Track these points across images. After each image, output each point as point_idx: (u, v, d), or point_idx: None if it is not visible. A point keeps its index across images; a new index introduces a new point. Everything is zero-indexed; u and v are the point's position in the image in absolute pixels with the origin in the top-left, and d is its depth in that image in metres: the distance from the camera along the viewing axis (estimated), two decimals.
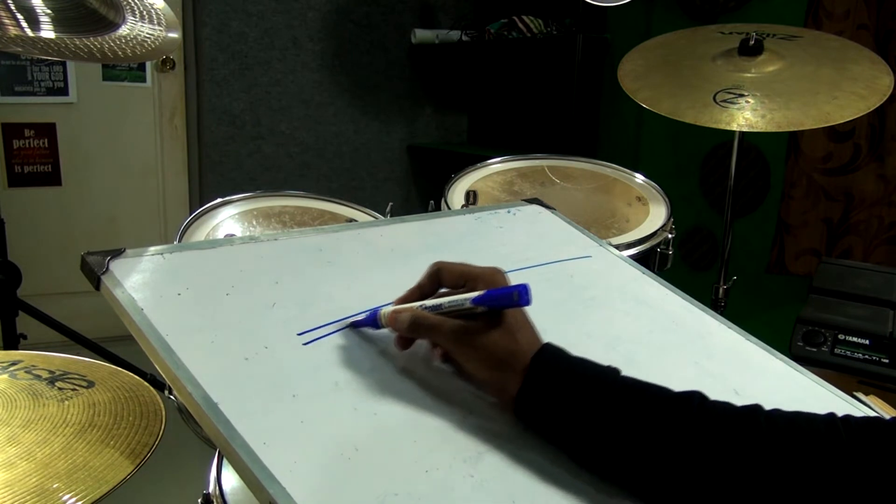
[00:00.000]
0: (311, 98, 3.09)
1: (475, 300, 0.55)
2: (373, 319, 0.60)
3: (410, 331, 0.57)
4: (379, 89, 3.24)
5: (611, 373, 0.54)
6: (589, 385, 0.52)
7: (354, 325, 0.61)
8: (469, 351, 0.55)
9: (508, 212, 0.91)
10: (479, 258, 0.79)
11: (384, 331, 0.61)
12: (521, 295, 0.54)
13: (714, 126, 1.36)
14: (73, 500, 0.54)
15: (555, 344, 0.56)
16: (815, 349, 1.39)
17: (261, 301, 0.62)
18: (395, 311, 0.58)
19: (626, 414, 0.51)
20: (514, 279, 0.77)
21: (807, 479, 0.47)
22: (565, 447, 0.53)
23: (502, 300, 0.55)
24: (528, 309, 0.57)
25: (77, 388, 0.69)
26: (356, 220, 1.26)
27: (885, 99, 1.32)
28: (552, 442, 0.53)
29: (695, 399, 0.52)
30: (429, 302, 0.58)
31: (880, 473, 0.46)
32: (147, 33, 1.36)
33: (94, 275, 0.59)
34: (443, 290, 0.60)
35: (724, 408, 0.52)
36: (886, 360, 1.34)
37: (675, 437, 0.49)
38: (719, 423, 0.50)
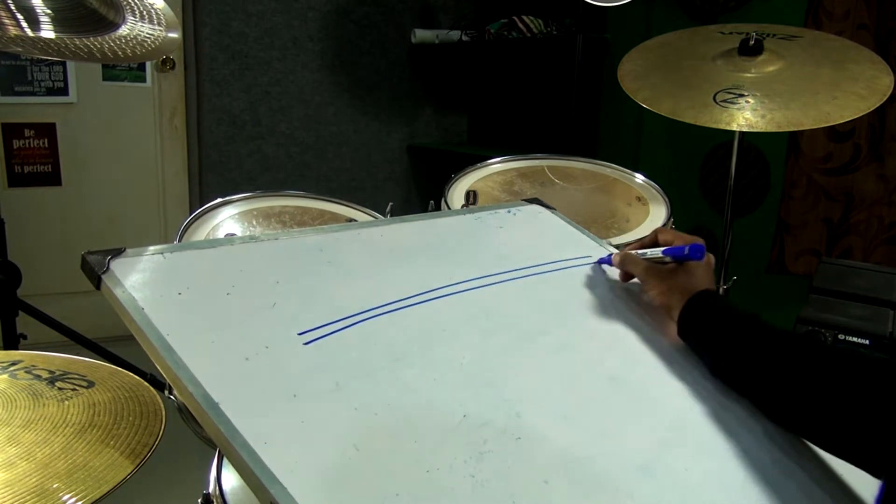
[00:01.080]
0: (311, 98, 3.09)
1: (664, 251, 0.77)
2: (608, 258, 0.84)
3: (621, 265, 0.81)
4: (379, 89, 3.24)
5: (750, 314, 0.68)
6: (730, 314, 0.69)
7: (598, 262, 0.85)
8: (655, 282, 0.76)
9: (508, 212, 0.91)
10: (479, 258, 0.79)
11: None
12: (691, 250, 0.73)
13: (714, 126, 1.36)
14: (73, 500, 0.54)
15: (713, 290, 0.73)
16: None
17: (261, 301, 0.62)
18: (617, 254, 0.82)
19: (757, 333, 0.65)
20: (513, 280, 0.77)
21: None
22: (708, 359, 0.70)
23: (680, 253, 0.75)
24: (526, 305, 0.72)
25: (77, 388, 0.69)
26: (356, 220, 1.26)
27: (885, 99, 1.32)
28: (699, 353, 0.71)
29: (818, 339, 0.61)
30: (640, 251, 0.80)
31: None
32: (147, 33, 1.36)
33: (94, 274, 0.59)
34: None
35: (839, 348, 0.65)
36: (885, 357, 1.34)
37: (804, 354, 0.61)
38: (837, 353, 0.61)
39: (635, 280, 0.82)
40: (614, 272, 0.84)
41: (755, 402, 0.66)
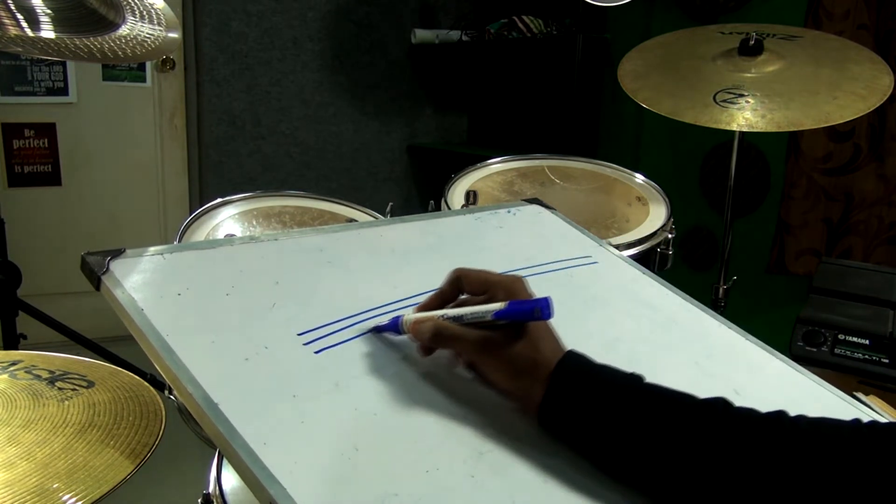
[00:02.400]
0: (311, 98, 3.09)
1: (497, 314, 0.55)
2: (395, 325, 0.61)
3: (433, 341, 0.58)
4: (379, 89, 3.24)
5: (635, 380, 0.54)
6: (614, 392, 0.53)
7: (377, 330, 0.62)
8: (492, 362, 0.56)
9: (508, 212, 0.91)
10: (479, 258, 0.79)
11: (404, 337, 0.61)
12: (542, 310, 0.54)
13: (714, 126, 1.36)
14: (73, 500, 0.54)
15: (578, 351, 0.56)
16: (815, 349, 1.39)
17: (261, 301, 0.62)
18: (416, 321, 0.59)
19: (652, 421, 0.51)
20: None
21: (833, 484, 0.47)
22: (590, 455, 0.53)
23: (523, 315, 0.55)
24: None
25: (77, 388, 0.69)
26: (356, 220, 1.26)
27: (885, 99, 1.32)
28: (577, 450, 0.53)
29: (719, 405, 0.52)
30: (451, 311, 0.58)
31: None
32: (147, 33, 1.36)
33: (94, 275, 0.59)
34: (463, 297, 0.61)
35: (749, 414, 0.52)
36: (886, 360, 1.34)
37: (702, 443, 0.50)
38: (745, 429, 0.50)
39: (632, 281, 0.82)
40: (615, 273, 0.84)
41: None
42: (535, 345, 0.55)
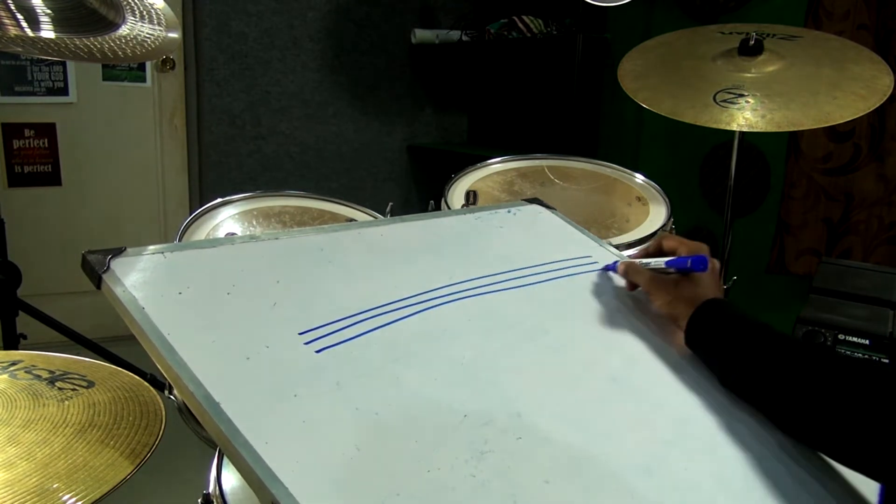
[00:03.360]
0: (311, 98, 3.09)
1: (667, 263, 0.76)
2: (613, 266, 0.82)
3: (625, 275, 0.80)
4: (379, 89, 3.23)
5: (760, 323, 0.67)
6: (739, 324, 0.68)
7: (605, 269, 0.83)
8: (659, 293, 0.76)
9: (508, 212, 0.91)
10: (479, 258, 0.79)
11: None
12: (693, 263, 0.73)
13: (714, 126, 1.36)
14: (73, 500, 0.54)
15: (724, 300, 0.72)
16: None
17: (262, 300, 0.62)
18: (621, 264, 0.81)
19: (766, 343, 0.65)
20: (514, 279, 0.77)
21: None
22: (717, 369, 0.68)
23: (681, 264, 0.74)
24: (527, 305, 0.72)
25: (77, 388, 0.69)
26: (356, 220, 1.26)
27: (885, 99, 1.32)
28: (708, 364, 0.70)
29: (829, 349, 0.63)
30: (644, 260, 0.80)
31: None
32: (147, 33, 1.36)
33: (95, 273, 0.59)
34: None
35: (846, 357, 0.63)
36: (886, 360, 1.34)
37: (815, 364, 0.61)
38: (853, 363, 0.61)
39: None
40: (618, 274, 0.84)
41: (766, 413, 0.65)
42: (693, 286, 0.74)
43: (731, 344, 0.67)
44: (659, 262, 0.77)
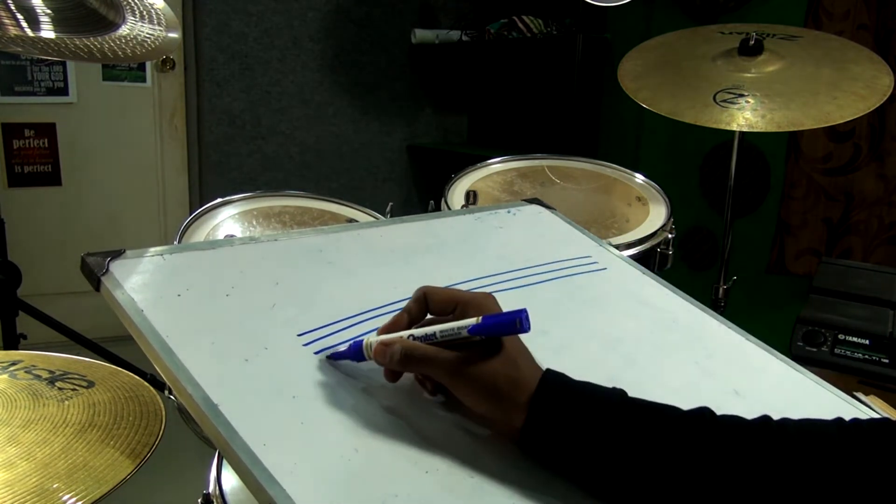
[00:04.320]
0: (311, 98, 3.09)
1: (472, 329, 0.51)
2: (356, 351, 0.56)
3: (402, 364, 0.53)
4: (379, 89, 3.24)
5: (618, 395, 0.52)
6: (598, 411, 0.50)
7: (334, 357, 0.56)
8: (468, 383, 0.51)
9: (508, 212, 0.91)
10: (479, 258, 0.79)
11: (368, 364, 0.56)
12: (523, 322, 0.50)
13: (714, 126, 1.36)
14: (73, 500, 0.54)
15: (555, 370, 0.53)
16: (815, 349, 1.39)
17: (261, 302, 0.62)
18: (382, 343, 0.54)
19: (639, 438, 0.49)
20: (513, 280, 0.77)
21: (825, 486, 0.47)
22: (577, 478, 0.50)
23: (503, 328, 0.51)
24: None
25: (77, 388, 0.69)
26: (356, 220, 1.26)
27: (885, 99, 1.32)
28: (562, 473, 0.51)
29: (706, 416, 0.51)
30: (418, 331, 0.53)
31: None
32: (147, 33, 1.36)
33: (93, 276, 0.59)
34: (429, 318, 0.56)
35: (736, 422, 0.51)
36: (886, 360, 1.34)
37: (692, 455, 0.48)
38: (733, 438, 0.49)
39: (632, 281, 0.82)
40: (618, 274, 0.84)
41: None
42: (513, 362, 0.51)
43: (601, 439, 0.49)
44: (452, 328, 0.52)
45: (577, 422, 0.50)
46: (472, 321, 0.51)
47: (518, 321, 0.50)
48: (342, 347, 0.58)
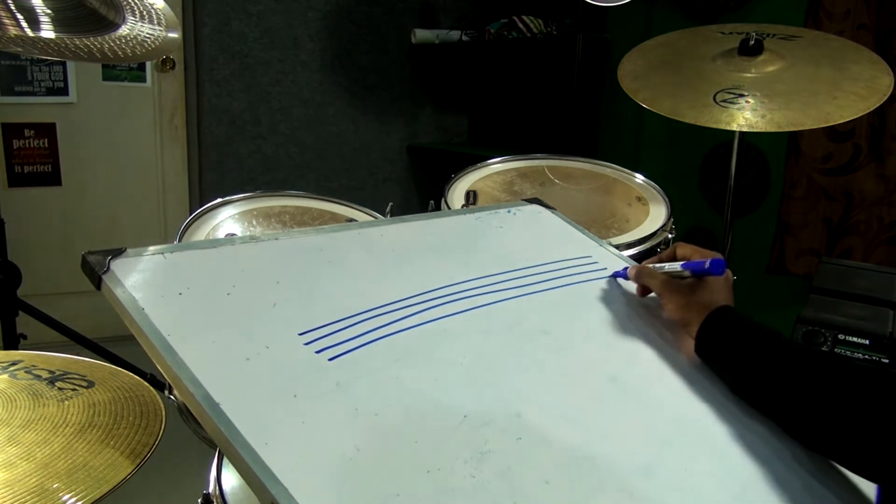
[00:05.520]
0: (311, 98, 3.09)
1: (683, 265, 0.74)
2: (623, 273, 0.81)
3: (637, 278, 0.79)
4: (379, 89, 3.23)
5: (772, 331, 0.66)
6: (751, 332, 0.67)
7: (614, 275, 0.82)
8: (672, 296, 0.74)
9: (508, 212, 0.91)
10: (479, 258, 0.79)
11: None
12: (712, 265, 0.71)
13: (714, 126, 1.36)
14: (73, 500, 0.54)
15: (734, 308, 0.71)
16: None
17: (262, 301, 0.62)
18: (632, 267, 0.80)
19: (778, 351, 0.64)
20: (514, 280, 0.77)
21: None
22: (728, 377, 0.67)
23: (699, 267, 0.73)
24: (527, 305, 0.70)
25: (77, 388, 0.69)
26: (356, 220, 1.26)
27: (885, 99, 1.32)
28: (718, 372, 0.69)
29: (842, 357, 0.64)
30: (658, 265, 0.78)
31: None
32: (147, 33, 1.36)
33: (95, 274, 0.59)
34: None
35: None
36: (886, 360, 1.34)
37: (827, 373, 0.60)
38: (866, 372, 0.60)
39: (633, 283, 0.82)
40: (611, 272, 0.84)
41: (777, 422, 0.64)
42: (706, 292, 0.72)
43: (743, 352, 0.66)
44: (674, 265, 0.76)
45: (735, 335, 0.68)
46: (684, 262, 0.75)
47: (707, 263, 0.72)
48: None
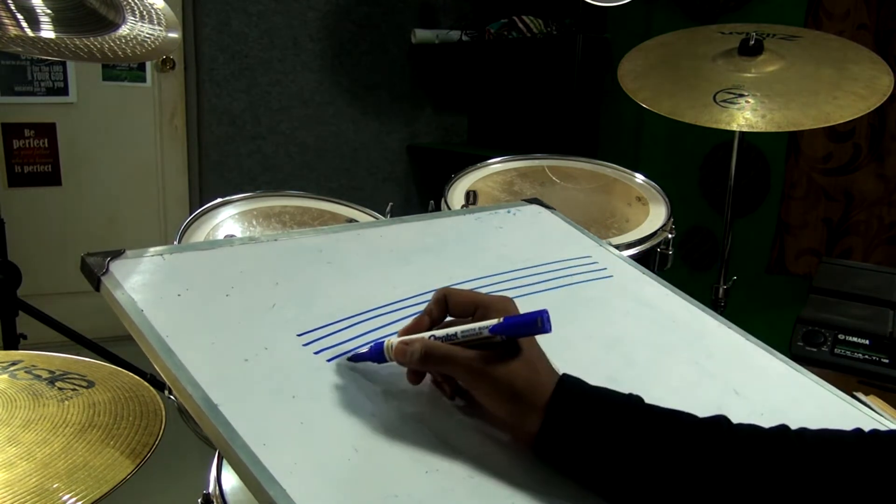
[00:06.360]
0: (311, 98, 3.09)
1: (494, 329, 0.50)
2: (377, 352, 0.56)
3: (423, 362, 0.53)
4: (379, 89, 3.24)
5: (634, 402, 0.51)
6: (614, 417, 0.50)
7: (355, 359, 0.57)
8: (487, 383, 0.51)
9: (508, 212, 0.91)
10: (479, 258, 0.79)
11: (388, 366, 0.57)
12: (544, 322, 0.49)
13: (714, 126, 1.36)
14: (73, 500, 0.54)
15: (573, 375, 0.53)
16: (815, 349, 1.39)
17: (261, 302, 0.62)
18: (403, 342, 0.54)
19: (655, 445, 0.49)
20: (513, 280, 0.77)
21: (844, 498, 0.47)
22: (591, 484, 0.50)
23: (525, 328, 0.50)
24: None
25: (77, 388, 0.69)
26: (356, 220, 1.26)
27: (885, 99, 1.32)
28: (577, 479, 0.50)
29: (723, 424, 0.51)
30: (439, 332, 0.53)
31: None
32: (147, 33, 1.36)
33: (93, 276, 0.59)
34: (449, 319, 0.57)
35: (754, 431, 0.51)
36: (886, 360, 1.34)
37: (710, 464, 0.48)
38: (751, 447, 0.49)
39: (632, 281, 0.82)
40: (618, 274, 0.84)
41: None
42: (532, 365, 0.51)
43: (618, 445, 0.49)
44: (473, 328, 0.52)
45: (594, 428, 0.49)
46: (493, 321, 0.51)
47: (539, 321, 0.49)
48: (363, 349, 0.58)
